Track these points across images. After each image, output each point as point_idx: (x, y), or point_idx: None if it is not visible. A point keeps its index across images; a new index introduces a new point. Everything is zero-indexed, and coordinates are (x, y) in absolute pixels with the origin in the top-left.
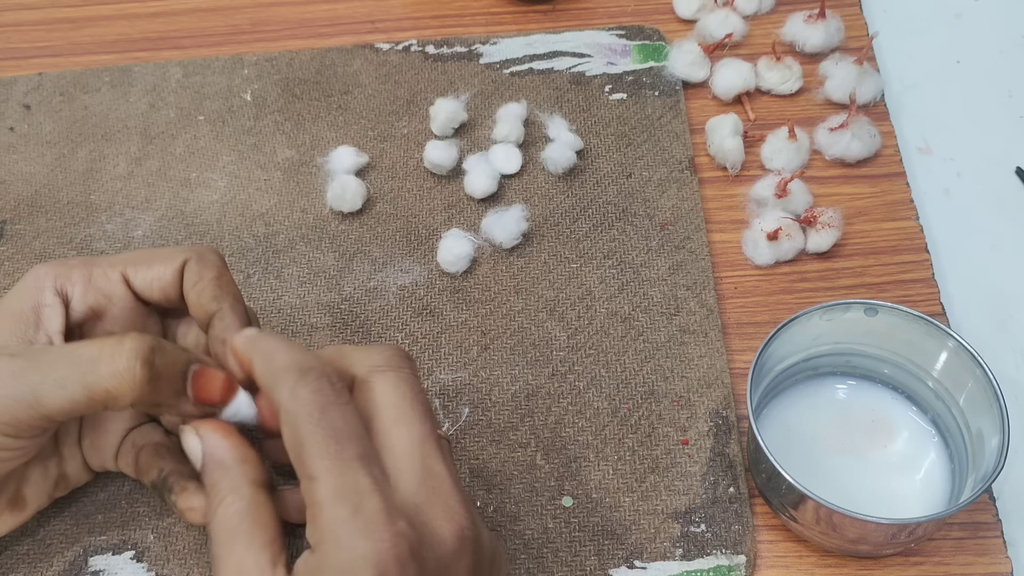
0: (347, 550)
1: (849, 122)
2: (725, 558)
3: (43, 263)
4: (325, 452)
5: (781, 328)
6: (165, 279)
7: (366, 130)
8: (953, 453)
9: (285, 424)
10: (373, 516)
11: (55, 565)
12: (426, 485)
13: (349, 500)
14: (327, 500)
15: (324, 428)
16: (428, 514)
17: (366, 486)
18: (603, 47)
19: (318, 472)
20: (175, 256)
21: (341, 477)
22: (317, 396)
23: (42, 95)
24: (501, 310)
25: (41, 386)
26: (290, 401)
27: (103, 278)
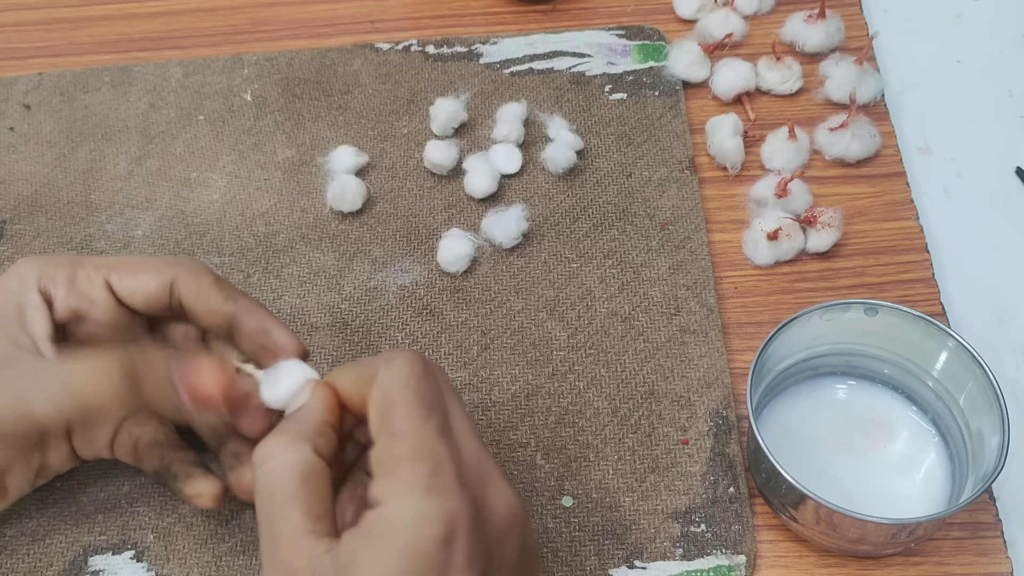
0: (421, 503)
1: (849, 122)
2: (725, 558)
3: (28, 258)
4: (414, 415)
5: (781, 328)
6: (148, 290)
7: (366, 130)
8: (953, 453)
9: (379, 388)
10: (449, 479)
11: (55, 565)
12: (483, 467)
13: (429, 461)
14: (408, 457)
15: (416, 395)
16: (487, 490)
17: (444, 453)
18: (603, 47)
19: (404, 432)
20: (162, 269)
21: (424, 440)
22: (413, 368)
23: (42, 95)
24: (501, 310)
25: (35, 402)
26: (387, 370)
27: (86, 281)
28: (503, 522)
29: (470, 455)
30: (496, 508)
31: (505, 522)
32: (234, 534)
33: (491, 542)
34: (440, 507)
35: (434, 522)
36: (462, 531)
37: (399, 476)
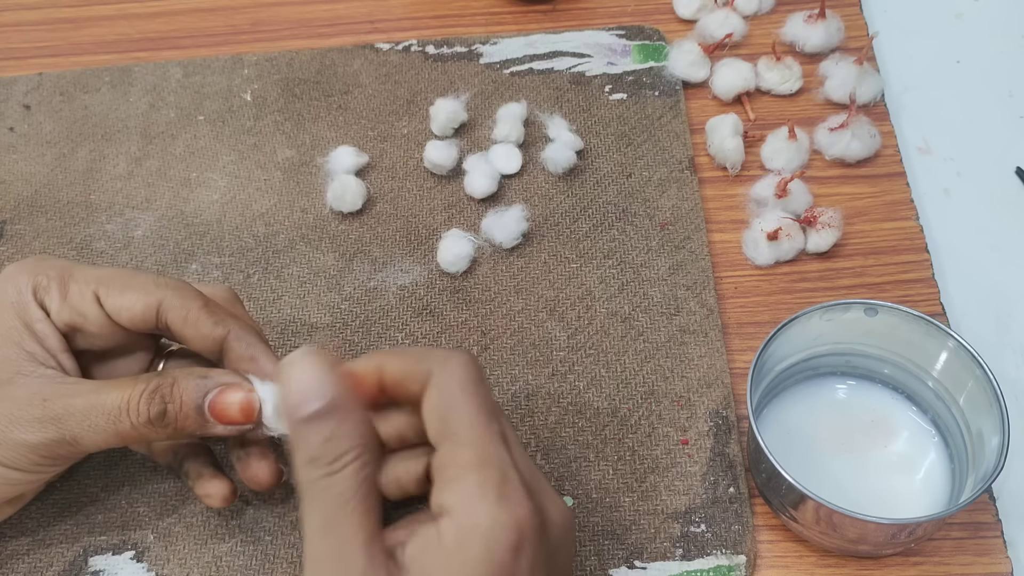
0: (496, 515)
1: (849, 122)
2: (725, 558)
3: (19, 266)
4: (476, 421)
5: (781, 328)
6: (134, 311)
7: (366, 130)
8: (953, 453)
9: (435, 391)
10: (517, 486)
11: (55, 565)
12: (535, 476)
13: (497, 468)
14: (475, 464)
15: (477, 399)
16: (544, 499)
17: (508, 460)
18: (603, 47)
19: (468, 439)
20: (149, 290)
21: (489, 446)
22: (470, 371)
23: (42, 95)
24: (501, 310)
25: (78, 430)
26: (443, 371)
27: (78, 296)
28: (560, 530)
29: (525, 463)
30: (554, 517)
31: (562, 530)
32: (234, 534)
33: (551, 550)
34: (513, 515)
35: (507, 529)
36: (529, 538)
37: (469, 483)
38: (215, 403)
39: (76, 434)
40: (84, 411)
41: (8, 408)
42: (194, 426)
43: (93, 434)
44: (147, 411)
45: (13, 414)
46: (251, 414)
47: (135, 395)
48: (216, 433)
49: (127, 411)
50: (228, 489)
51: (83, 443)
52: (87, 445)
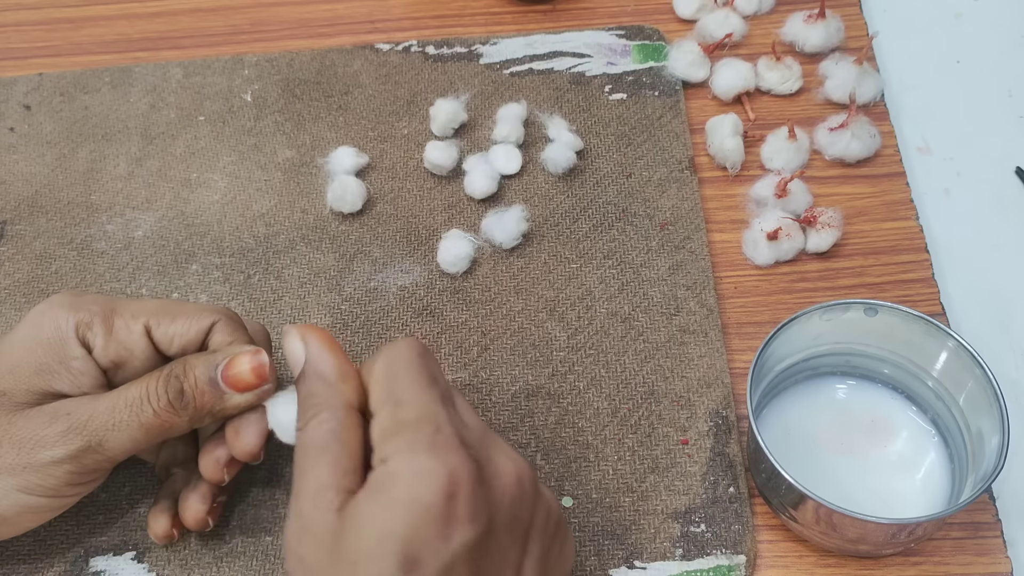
0: (425, 460)
1: (849, 122)
2: (725, 558)
3: (59, 301)
4: (417, 384)
5: (781, 328)
6: (188, 336)
7: (366, 130)
8: (953, 453)
9: (382, 363)
10: (451, 438)
11: (56, 566)
12: (485, 435)
13: (432, 423)
14: (412, 420)
15: (420, 368)
16: (492, 452)
17: (446, 417)
18: (603, 47)
19: (408, 399)
20: (202, 314)
21: (427, 406)
22: (414, 347)
23: (42, 95)
24: (501, 310)
25: (103, 432)
26: (389, 349)
27: (125, 330)
28: (510, 481)
29: (473, 423)
30: (502, 467)
31: (511, 481)
32: (235, 535)
33: (498, 500)
34: (443, 461)
35: (436, 476)
36: (464, 486)
37: (403, 437)
38: (227, 372)
39: (102, 437)
40: (107, 409)
41: (32, 429)
42: (212, 400)
43: (118, 432)
44: (166, 393)
45: (37, 434)
46: (263, 373)
47: (152, 382)
48: (237, 405)
49: (147, 398)
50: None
51: (109, 446)
52: (113, 448)
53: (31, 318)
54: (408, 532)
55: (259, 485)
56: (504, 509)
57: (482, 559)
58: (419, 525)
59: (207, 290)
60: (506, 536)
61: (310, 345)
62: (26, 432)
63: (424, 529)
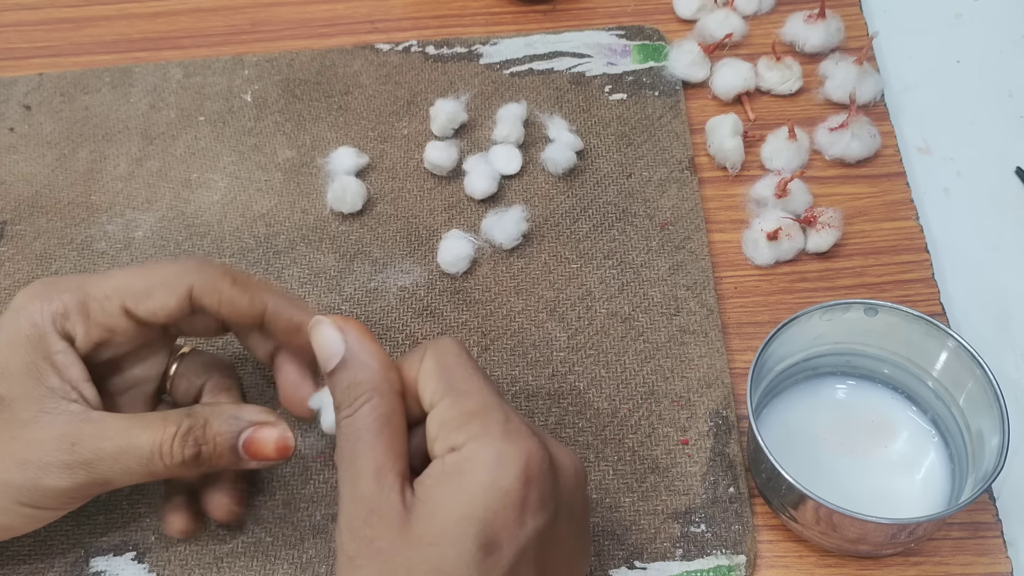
0: (502, 447)
1: (849, 122)
2: (725, 558)
3: (28, 295)
4: (476, 376)
5: (781, 328)
6: (170, 307)
7: (366, 131)
8: (953, 453)
9: (430, 360)
10: (521, 426)
11: (56, 566)
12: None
13: (501, 412)
14: (480, 409)
15: (470, 362)
16: (550, 445)
17: (509, 409)
18: (603, 47)
19: (470, 390)
20: (175, 282)
21: (490, 397)
22: (460, 344)
23: (42, 95)
24: (501, 311)
25: (109, 473)
26: (436, 346)
27: (102, 313)
28: (571, 473)
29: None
30: (563, 460)
31: (572, 474)
32: (235, 535)
33: (562, 490)
34: (519, 448)
35: (514, 460)
36: (539, 472)
37: (475, 424)
38: (250, 443)
39: (108, 477)
40: (114, 455)
41: (36, 454)
42: (228, 464)
43: (125, 476)
44: (181, 454)
45: (42, 460)
46: (286, 451)
47: (167, 439)
48: (249, 467)
49: (160, 455)
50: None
51: (115, 483)
52: (118, 484)
53: (8, 316)
54: (488, 515)
55: (259, 485)
56: (565, 499)
57: (548, 545)
58: (498, 508)
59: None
60: (565, 526)
61: (349, 335)
62: (29, 455)
63: (503, 512)
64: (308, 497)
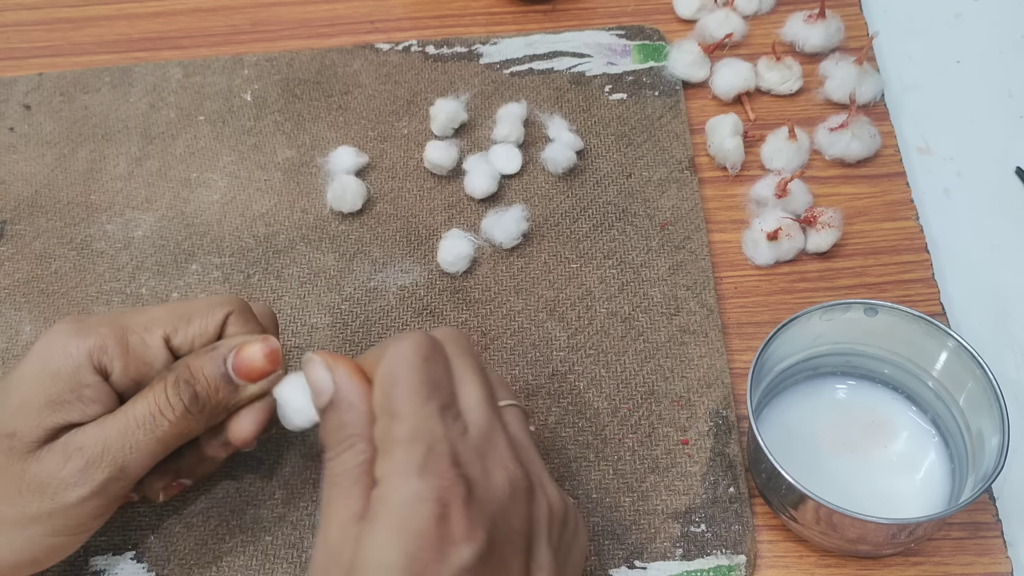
0: (414, 484)
1: (849, 122)
2: (725, 558)
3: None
4: (415, 395)
5: (781, 328)
6: (208, 334)
7: (366, 130)
8: (953, 453)
9: (384, 366)
10: (441, 458)
11: (56, 566)
12: (488, 439)
13: (425, 442)
14: (404, 439)
15: (420, 375)
16: (487, 462)
17: (440, 433)
18: (603, 47)
19: (404, 413)
20: (214, 309)
21: (422, 420)
22: (418, 349)
23: (42, 95)
24: (501, 310)
25: (121, 457)
26: (394, 350)
27: (142, 346)
28: (503, 493)
29: (476, 427)
30: (496, 480)
31: (505, 493)
32: (235, 535)
33: (493, 513)
34: (433, 485)
35: (426, 501)
36: (456, 506)
37: (395, 457)
38: (238, 363)
39: (122, 463)
40: (121, 434)
41: (48, 472)
42: (227, 395)
43: (137, 454)
44: (180, 401)
45: (56, 476)
46: (277, 358)
47: (159, 394)
48: (251, 395)
49: (160, 411)
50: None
51: (131, 468)
52: (135, 469)
53: (38, 350)
54: (405, 560)
55: (259, 485)
56: (501, 520)
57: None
58: (415, 552)
59: (207, 290)
60: (507, 546)
61: (338, 374)
62: (42, 477)
63: (421, 555)
64: (308, 497)
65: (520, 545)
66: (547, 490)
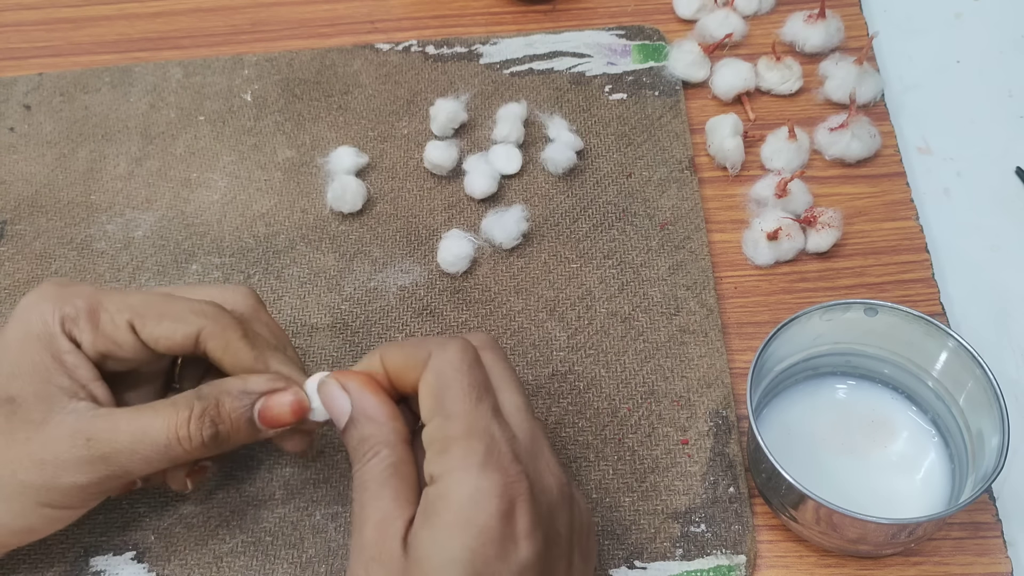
0: (478, 480)
1: (849, 122)
2: (725, 558)
3: (42, 295)
4: (467, 397)
5: (781, 328)
6: (174, 339)
7: (366, 130)
8: (953, 453)
9: (430, 372)
10: (503, 455)
11: (56, 566)
12: (535, 444)
13: (483, 439)
14: (462, 436)
15: (469, 378)
16: (539, 466)
17: (497, 432)
18: (603, 47)
19: (458, 413)
20: (188, 319)
21: (478, 420)
22: (465, 355)
23: (42, 95)
24: (501, 310)
25: (128, 464)
26: (441, 354)
27: (110, 324)
28: (554, 495)
29: (522, 433)
30: (547, 482)
31: (555, 495)
32: (235, 535)
33: (546, 515)
34: (497, 481)
35: (492, 496)
36: (521, 503)
37: (454, 454)
38: (265, 412)
39: (128, 467)
40: (131, 446)
41: (52, 452)
42: (246, 438)
43: (144, 465)
44: (200, 437)
45: (59, 458)
46: (301, 411)
47: (181, 424)
48: (268, 437)
49: (178, 441)
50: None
51: (133, 472)
52: (138, 474)
53: (18, 314)
54: (469, 556)
55: (259, 485)
56: (551, 523)
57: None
58: (478, 548)
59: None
60: (555, 549)
61: (352, 391)
62: (46, 454)
63: (484, 551)
64: (308, 497)
65: (564, 549)
66: (578, 500)
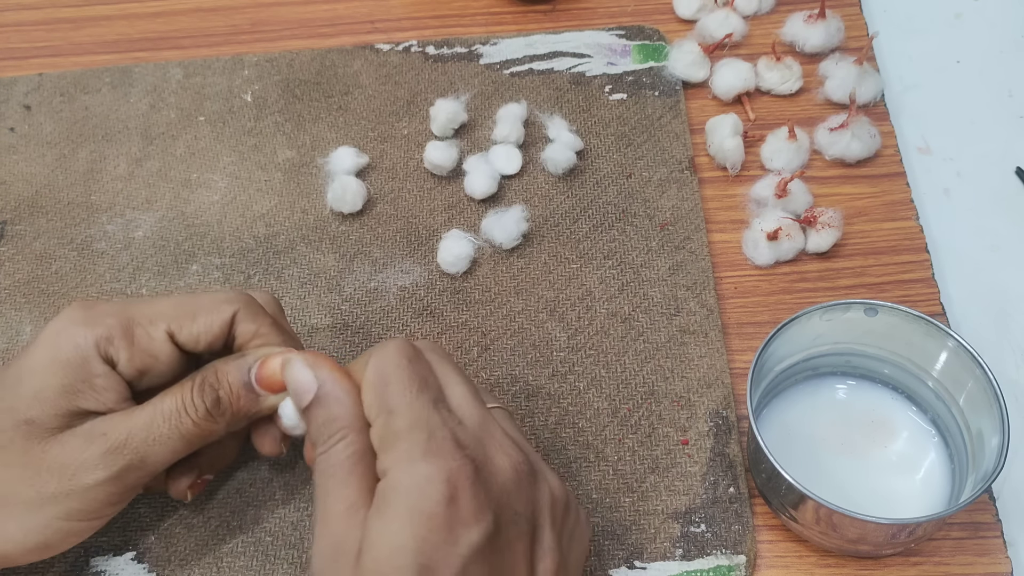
0: (422, 468)
1: (849, 122)
2: (725, 558)
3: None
4: (407, 390)
5: (781, 328)
6: (213, 332)
7: (366, 131)
8: (953, 453)
9: (372, 370)
10: (444, 442)
11: (56, 566)
12: (484, 429)
13: (424, 430)
14: (405, 429)
15: (409, 373)
16: (488, 449)
17: (438, 421)
18: (603, 47)
19: (399, 407)
20: (221, 308)
21: (420, 411)
22: (405, 351)
23: (42, 95)
24: (501, 311)
25: (143, 448)
26: (380, 353)
27: (147, 338)
28: (508, 476)
29: (470, 419)
30: (499, 463)
31: (509, 476)
32: (235, 535)
33: (498, 496)
34: (440, 467)
35: (436, 482)
36: (464, 487)
37: (399, 448)
38: (261, 375)
39: (143, 453)
40: (145, 425)
41: (71, 454)
42: (248, 403)
43: (159, 447)
44: (203, 403)
45: (79, 459)
46: None
47: (186, 393)
48: (272, 405)
49: (184, 409)
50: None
51: (151, 460)
52: (155, 462)
53: (47, 338)
54: (417, 543)
55: (259, 485)
56: (506, 503)
57: (494, 555)
58: (425, 534)
59: (208, 291)
60: (512, 529)
61: (321, 372)
62: (63, 458)
63: (431, 536)
64: (308, 497)
65: (524, 529)
66: (548, 477)
